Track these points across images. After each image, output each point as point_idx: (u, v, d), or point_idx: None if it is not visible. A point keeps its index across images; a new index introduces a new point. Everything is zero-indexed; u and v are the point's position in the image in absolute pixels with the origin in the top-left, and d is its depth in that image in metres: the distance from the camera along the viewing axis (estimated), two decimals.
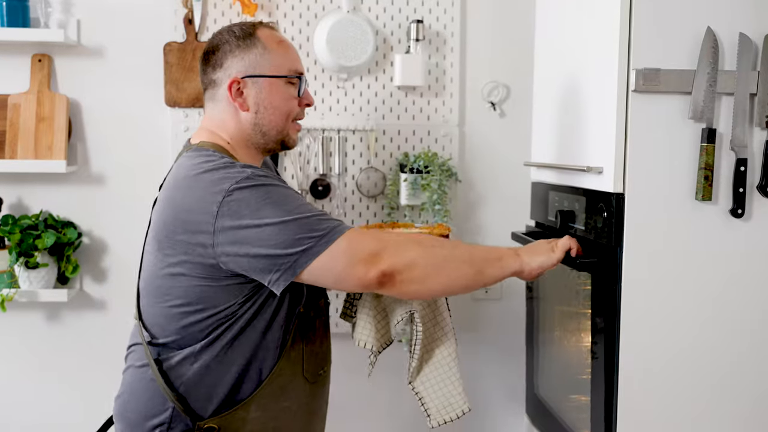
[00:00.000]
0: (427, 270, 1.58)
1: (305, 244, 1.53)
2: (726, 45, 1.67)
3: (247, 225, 1.53)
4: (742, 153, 1.69)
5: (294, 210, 1.55)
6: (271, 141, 1.74)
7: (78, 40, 2.44)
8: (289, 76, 1.73)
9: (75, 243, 2.44)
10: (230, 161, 1.62)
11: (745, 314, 1.72)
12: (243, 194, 1.54)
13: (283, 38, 1.77)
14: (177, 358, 1.64)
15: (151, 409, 1.66)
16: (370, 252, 1.55)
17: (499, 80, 2.53)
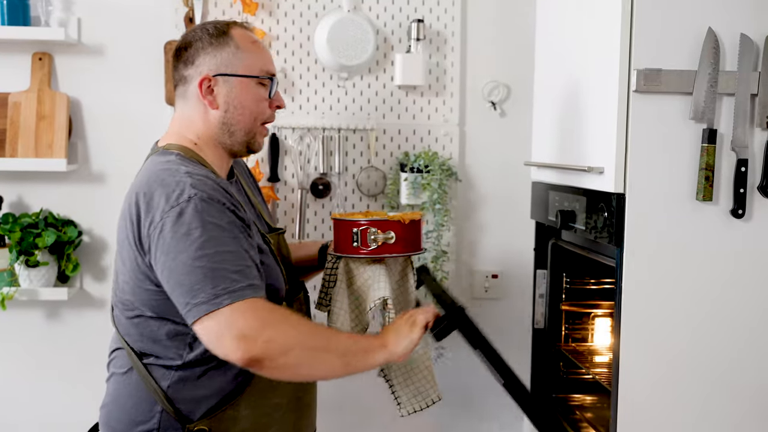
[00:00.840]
0: (297, 360, 1.52)
1: (198, 298, 1.48)
2: (727, 45, 1.68)
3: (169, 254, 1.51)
4: (743, 153, 1.69)
5: (209, 256, 1.49)
6: (237, 142, 1.70)
7: (78, 39, 2.44)
8: (260, 77, 1.69)
9: (75, 241, 2.44)
10: (186, 172, 1.57)
11: (746, 314, 1.72)
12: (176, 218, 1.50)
13: (256, 39, 1.74)
14: (160, 361, 1.62)
15: (138, 416, 1.63)
16: (247, 333, 1.47)
17: (500, 80, 2.53)
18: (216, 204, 1.54)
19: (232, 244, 1.53)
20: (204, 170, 1.62)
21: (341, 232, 1.84)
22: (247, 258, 1.55)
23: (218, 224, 1.52)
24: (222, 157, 1.73)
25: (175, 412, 1.61)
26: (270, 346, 1.49)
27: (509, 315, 2.59)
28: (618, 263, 1.72)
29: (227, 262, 1.51)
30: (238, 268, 1.52)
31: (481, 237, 2.58)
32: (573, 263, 2.24)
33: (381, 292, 1.78)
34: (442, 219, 2.46)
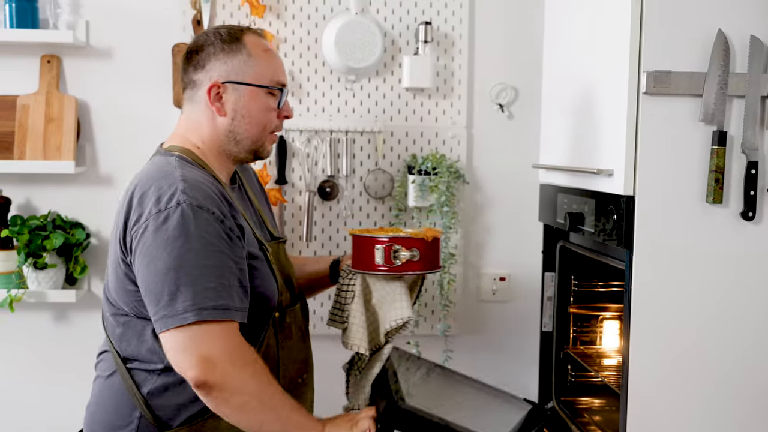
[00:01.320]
0: (243, 405, 1.50)
1: (167, 310, 1.47)
2: (737, 47, 1.67)
3: (147, 257, 1.50)
4: (753, 156, 1.68)
5: (186, 268, 1.47)
6: (243, 150, 1.69)
7: (87, 41, 2.45)
8: (270, 87, 1.68)
9: (83, 244, 2.44)
10: (181, 176, 1.55)
11: (755, 317, 1.71)
12: (161, 223, 1.49)
13: (269, 47, 1.72)
14: (142, 365, 1.61)
15: (117, 420, 1.62)
16: (210, 356, 1.46)
17: (508, 82, 2.53)
18: (204, 213, 1.51)
19: (214, 258, 1.50)
20: (201, 175, 1.60)
21: (362, 249, 1.83)
22: (228, 275, 1.52)
23: (203, 236, 1.50)
24: (225, 162, 1.71)
25: (154, 419, 1.60)
26: (226, 380, 1.48)
27: (517, 318, 2.59)
28: (627, 266, 1.71)
29: (204, 277, 1.48)
30: (216, 285, 1.49)
31: (489, 239, 2.58)
32: (581, 266, 2.23)
33: (403, 312, 1.80)
34: (449, 221, 2.45)
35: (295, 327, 1.76)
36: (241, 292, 1.55)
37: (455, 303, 2.54)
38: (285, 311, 1.72)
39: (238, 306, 1.53)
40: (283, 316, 1.71)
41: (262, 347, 1.66)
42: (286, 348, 1.72)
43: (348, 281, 1.88)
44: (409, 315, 1.79)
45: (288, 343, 1.73)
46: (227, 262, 1.52)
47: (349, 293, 1.87)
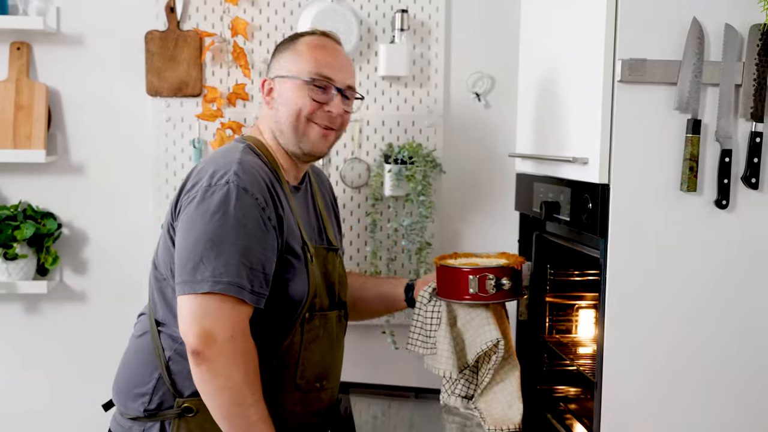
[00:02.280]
0: (223, 392, 1.56)
1: (185, 276, 1.56)
2: (711, 36, 1.67)
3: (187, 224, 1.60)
4: (727, 144, 1.69)
5: (215, 241, 1.56)
6: (290, 142, 1.78)
7: (57, 28, 2.40)
8: (304, 79, 1.76)
9: (55, 234, 2.41)
10: (239, 159, 1.65)
11: (729, 304, 1.72)
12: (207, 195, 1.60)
13: (324, 44, 1.81)
14: (168, 330, 1.69)
15: (138, 377, 1.71)
16: (213, 331, 1.54)
17: (484, 71, 2.52)
18: (248, 196, 1.60)
19: (245, 239, 1.58)
20: (260, 164, 1.70)
21: (453, 279, 1.90)
22: (253, 258, 1.58)
23: (240, 216, 1.58)
24: (288, 161, 1.81)
25: (171, 383, 1.67)
26: (218, 359, 1.54)
27: None
28: (602, 254, 1.71)
29: (230, 254, 1.56)
30: (238, 263, 1.56)
31: (465, 229, 2.57)
32: (557, 255, 2.23)
33: (492, 334, 1.87)
34: (426, 211, 2.44)
35: (324, 332, 1.78)
36: (262, 278, 1.61)
37: None
38: (316, 313, 1.75)
39: (255, 289, 1.59)
40: (313, 317, 1.74)
41: (285, 342, 1.70)
42: (310, 350, 1.74)
43: (432, 308, 1.95)
44: (497, 336, 1.86)
45: (313, 345, 1.75)
46: (256, 247, 1.59)
47: (434, 320, 1.94)
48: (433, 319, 1.94)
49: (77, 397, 2.49)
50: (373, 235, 2.48)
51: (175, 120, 2.43)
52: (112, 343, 2.46)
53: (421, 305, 1.97)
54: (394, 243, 2.51)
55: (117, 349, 2.45)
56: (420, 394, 2.30)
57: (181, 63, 2.41)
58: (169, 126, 2.43)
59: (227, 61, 2.42)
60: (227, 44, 2.42)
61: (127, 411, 1.73)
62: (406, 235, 2.46)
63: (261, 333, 1.64)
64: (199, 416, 1.65)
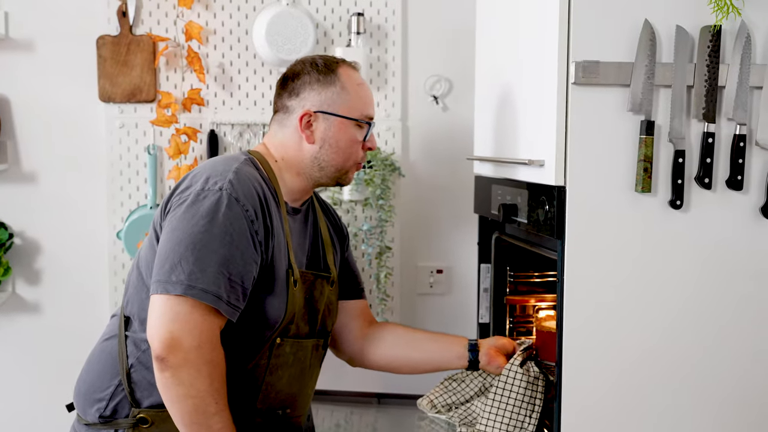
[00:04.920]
0: (184, 400, 1.51)
1: (160, 275, 1.52)
2: (663, 37, 1.68)
3: (173, 223, 1.56)
4: (680, 145, 1.70)
5: (195, 245, 1.52)
6: (326, 177, 1.75)
7: (6, 33, 2.35)
8: (360, 120, 1.74)
9: (6, 244, 2.35)
10: (236, 168, 1.61)
11: (685, 303, 1.74)
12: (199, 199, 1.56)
13: (362, 81, 1.78)
14: (136, 335, 1.65)
15: (98, 381, 1.67)
16: (180, 336, 1.49)
17: (442, 74, 2.52)
18: (238, 207, 1.56)
19: (227, 249, 1.54)
20: (258, 178, 1.64)
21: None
22: (233, 269, 1.54)
23: (227, 225, 1.54)
24: (300, 185, 1.75)
25: (130, 392, 1.63)
26: (182, 367, 1.49)
27: (454, 310, 2.59)
28: (560, 256, 1.71)
29: (209, 261, 1.52)
30: (216, 272, 1.52)
31: (425, 232, 2.57)
32: (516, 257, 2.23)
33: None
34: (385, 215, 2.43)
35: (295, 359, 1.72)
36: (239, 290, 1.56)
37: (392, 297, 2.53)
38: (288, 340, 1.69)
39: (231, 301, 1.54)
40: (284, 343, 1.68)
41: (251, 363, 1.65)
42: (276, 375, 1.69)
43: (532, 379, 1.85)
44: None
45: (280, 371, 1.69)
46: (238, 258, 1.55)
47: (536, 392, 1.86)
48: (536, 392, 1.85)
49: (33, 409, 2.44)
50: None
51: (129, 126, 2.39)
52: (67, 354, 2.42)
53: (519, 372, 1.84)
54: (354, 247, 2.49)
55: (72, 359, 2.40)
56: (383, 399, 2.29)
57: (134, 68, 2.37)
58: (123, 132, 2.39)
59: (182, 65, 2.39)
60: (181, 49, 2.39)
61: (84, 416, 1.69)
62: (366, 239, 2.45)
63: (228, 349, 1.59)
64: (154, 428, 1.62)
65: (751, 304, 1.75)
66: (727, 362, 1.75)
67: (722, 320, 1.75)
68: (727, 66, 1.70)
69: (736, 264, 1.74)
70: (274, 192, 1.68)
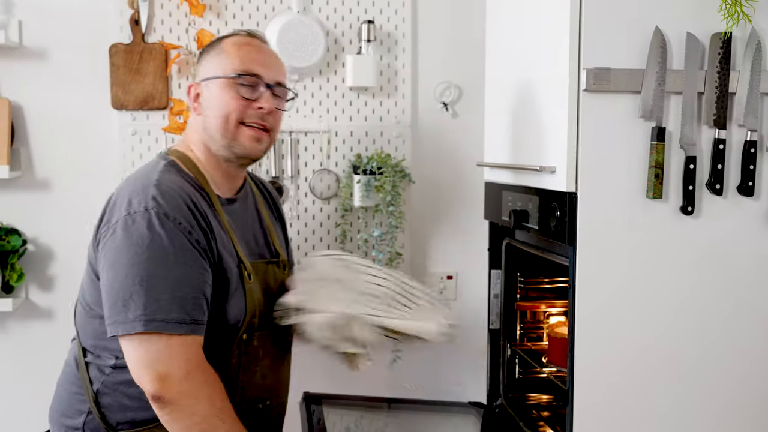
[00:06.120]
0: (193, 427, 1.50)
1: (119, 315, 1.47)
2: (674, 44, 1.70)
3: (114, 258, 1.50)
4: (691, 151, 1.71)
5: (143, 277, 1.47)
6: (221, 147, 1.68)
7: (20, 42, 2.37)
8: (230, 76, 1.66)
9: (20, 250, 2.37)
10: (156, 181, 1.55)
11: (697, 309, 1.74)
12: (128, 226, 1.50)
13: (249, 42, 1.72)
14: (98, 362, 1.62)
15: (68, 410, 1.65)
16: (167, 373, 1.47)
17: (452, 81, 2.53)
18: (170, 222, 1.50)
19: (175, 269, 1.49)
20: (181, 183, 1.59)
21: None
22: (187, 288, 1.50)
23: (165, 245, 1.49)
24: (219, 165, 1.70)
25: (101, 417, 1.59)
26: (180, 398, 1.48)
27: (465, 316, 2.58)
28: (571, 262, 1.72)
29: (160, 288, 1.47)
30: (170, 297, 1.48)
31: (435, 238, 2.58)
32: (527, 263, 2.24)
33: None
34: (395, 221, 2.44)
35: (264, 351, 1.70)
36: (203, 304, 1.53)
37: None
38: (255, 334, 1.67)
39: (195, 318, 1.51)
40: (251, 338, 1.66)
41: (223, 364, 1.62)
42: (249, 371, 1.68)
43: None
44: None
45: (252, 367, 1.68)
46: (189, 274, 1.51)
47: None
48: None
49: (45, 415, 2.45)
50: (343, 246, 2.48)
51: (142, 133, 2.41)
52: None
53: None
54: (365, 254, 2.50)
55: None
56: (393, 404, 2.30)
57: (146, 76, 2.39)
58: (135, 140, 2.41)
59: (193, 73, 2.41)
60: (193, 56, 2.40)
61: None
62: (377, 245, 2.46)
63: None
64: None
65: (763, 309, 1.75)
66: (740, 367, 1.75)
67: (734, 326, 1.75)
68: (737, 73, 1.71)
69: (747, 269, 1.75)
70: (202, 190, 1.64)
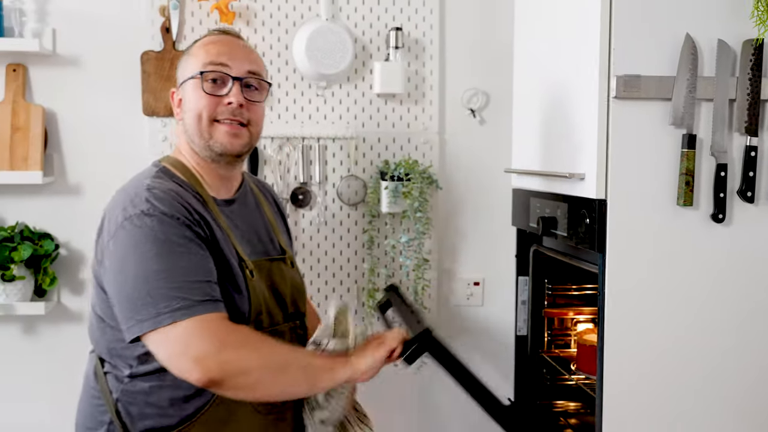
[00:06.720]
0: (257, 380, 1.50)
1: (141, 315, 1.46)
2: (705, 51, 1.69)
3: (119, 264, 1.50)
4: (722, 158, 1.70)
5: (153, 274, 1.47)
6: (202, 148, 1.65)
7: (53, 50, 2.41)
8: (196, 74, 1.64)
9: (52, 255, 2.40)
10: (147, 186, 1.56)
11: (728, 317, 1.73)
12: (131, 230, 1.50)
13: (216, 39, 1.69)
14: (115, 372, 1.61)
15: (89, 421, 1.64)
16: (202, 353, 1.45)
17: (479, 87, 2.54)
18: (167, 218, 1.51)
19: (183, 259, 1.50)
20: (173, 187, 1.59)
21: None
22: (199, 272, 1.51)
23: (167, 239, 1.50)
24: (209, 167, 1.68)
25: (122, 426, 1.58)
26: (227, 368, 1.46)
27: (491, 322, 2.59)
28: (600, 269, 1.72)
29: (174, 279, 1.47)
30: (185, 283, 1.48)
31: (463, 244, 2.58)
32: (554, 269, 2.24)
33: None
34: (423, 227, 2.45)
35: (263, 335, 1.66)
36: (217, 287, 1.53)
37: (429, 308, 2.54)
38: (264, 331, 1.64)
39: (216, 297, 1.51)
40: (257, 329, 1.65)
41: None
42: None
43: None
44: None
45: None
46: (197, 261, 1.52)
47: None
48: None
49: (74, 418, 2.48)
50: (371, 251, 2.49)
51: (172, 139, 2.44)
52: None
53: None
54: (392, 260, 2.51)
55: None
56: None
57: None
58: (166, 145, 2.44)
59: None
60: None
61: None
62: (404, 251, 2.47)
63: None
64: None
65: None
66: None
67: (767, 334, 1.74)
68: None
69: None
70: (196, 192, 1.63)
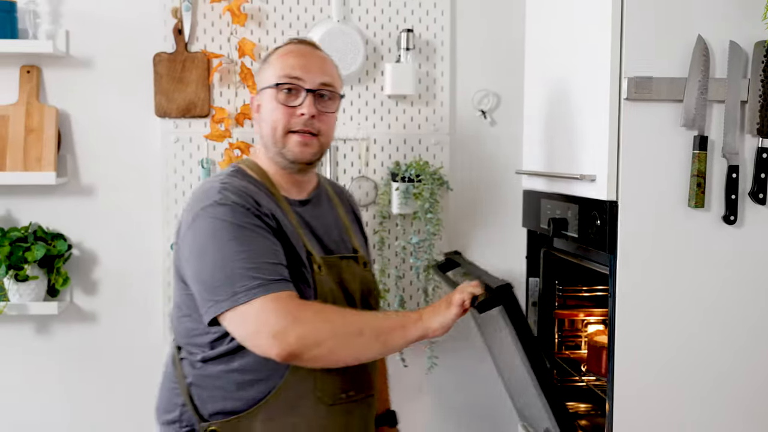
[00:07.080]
0: (332, 348, 1.57)
1: (219, 296, 1.56)
2: (717, 53, 1.69)
3: (196, 250, 1.62)
4: (734, 160, 1.70)
5: (229, 257, 1.57)
6: (275, 155, 1.75)
7: (67, 51, 2.43)
8: (272, 85, 1.73)
9: (65, 255, 2.42)
10: (221, 181, 1.67)
11: (739, 319, 1.73)
12: (206, 218, 1.61)
13: (293, 50, 1.77)
14: (190, 357, 1.70)
15: (167, 405, 1.74)
16: (278, 329, 1.53)
17: (490, 89, 2.54)
18: (239, 207, 1.62)
19: (257, 242, 1.60)
20: (246, 184, 1.69)
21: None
22: (271, 254, 1.60)
23: (241, 225, 1.60)
24: (282, 171, 1.77)
25: (194, 408, 1.67)
26: (303, 342, 1.53)
27: None
28: (611, 270, 1.72)
29: (250, 260, 1.57)
30: (260, 264, 1.57)
31: (473, 246, 2.58)
32: (565, 271, 2.24)
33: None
34: (433, 228, 2.45)
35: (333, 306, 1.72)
36: (283, 266, 1.62)
37: None
38: None
39: (287, 278, 1.60)
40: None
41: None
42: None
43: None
44: None
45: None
46: (269, 245, 1.61)
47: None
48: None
49: (88, 418, 2.50)
50: (382, 252, 2.50)
51: (184, 141, 2.45)
52: (123, 363, 2.48)
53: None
54: (402, 261, 2.52)
55: (127, 370, 2.48)
56: None
57: (189, 84, 2.43)
58: (178, 147, 2.45)
59: (235, 81, 2.45)
60: (234, 65, 2.44)
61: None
62: (414, 252, 2.47)
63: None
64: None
65: None
66: None
67: None
68: None
69: None
70: (268, 191, 1.72)
